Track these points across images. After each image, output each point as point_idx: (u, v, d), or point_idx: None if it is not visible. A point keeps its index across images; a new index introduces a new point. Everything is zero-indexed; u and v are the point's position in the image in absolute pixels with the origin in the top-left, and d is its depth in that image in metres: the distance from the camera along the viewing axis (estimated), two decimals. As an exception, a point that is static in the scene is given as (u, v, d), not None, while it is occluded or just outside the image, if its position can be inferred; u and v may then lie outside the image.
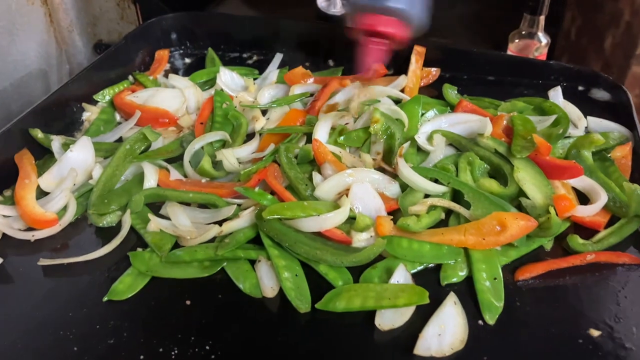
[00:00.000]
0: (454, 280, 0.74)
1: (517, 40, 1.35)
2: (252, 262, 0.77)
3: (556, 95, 1.03)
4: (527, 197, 0.82)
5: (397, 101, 1.05)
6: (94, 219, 0.83)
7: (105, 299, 0.72)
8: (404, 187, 0.85)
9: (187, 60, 1.28)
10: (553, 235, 0.78)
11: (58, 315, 0.71)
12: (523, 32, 1.33)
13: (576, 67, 1.12)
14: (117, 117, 1.08)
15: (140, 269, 0.76)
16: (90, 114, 1.06)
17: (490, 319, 0.68)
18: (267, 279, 0.74)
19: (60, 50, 1.35)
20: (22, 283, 0.76)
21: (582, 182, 0.85)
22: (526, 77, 1.14)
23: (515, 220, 0.75)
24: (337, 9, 1.45)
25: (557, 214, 0.76)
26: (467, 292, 0.72)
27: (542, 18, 1.31)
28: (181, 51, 1.29)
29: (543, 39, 1.33)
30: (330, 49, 1.25)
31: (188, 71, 1.23)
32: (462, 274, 0.74)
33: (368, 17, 0.76)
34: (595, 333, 0.67)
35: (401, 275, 0.72)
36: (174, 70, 1.25)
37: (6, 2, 1.18)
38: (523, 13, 1.30)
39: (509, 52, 1.35)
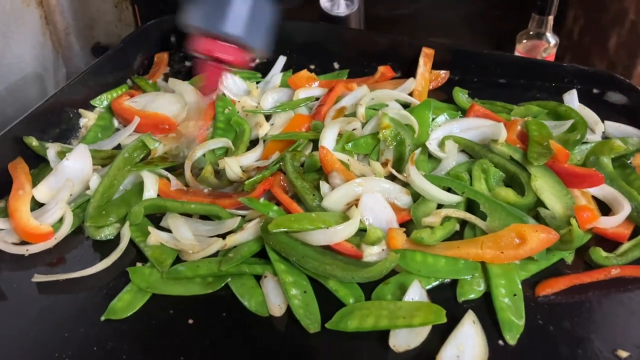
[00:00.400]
0: (472, 296, 0.70)
1: (524, 41, 1.32)
2: (258, 278, 0.73)
3: (572, 98, 0.99)
4: (546, 207, 0.78)
5: (406, 105, 1.01)
6: (91, 232, 0.80)
7: (103, 318, 0.69)
8: (416, 196, 0.82)
9: (188, 64, 1.24)
10: (575, 248, 0.74)
11: (53, 336, 0.67)
12: (531, 33, 1.30)
13: (591, 69, 1.08)
14: (116, 123, 1.04)
15: (140, 286, 0.72)
16: (87, 120, 1.02)
17: (511, 338, 0.65)
18: (273, 296, 0.70)
19: (57, 54, 1.31)
20: (16, 300, 0.73)
21: (603, 190, 0.81)
22: (539, 80, 1.10)
23: (536, 232, 0.71)
24: (340, 10, 1.41)
25: (578, 226, 0.72)
26: (486, 309, 0.69)
27: (550, 18, 1.28)
28: (181, 54, 1.25)
29: (551, 39, 1.30)
30: (335, 51, 1.21)
31: (188, 74, 1.19)
32: (480, 289, 0.70)
33: (206, 42, 0.74)
34: (623, 354, 0.63)
35: (416, 292, 0.68)
36: (174, 73, 1.21)
37: (0, 4, 1.14)
38: (530, 13, 1.27)
39: (516, 53, 1.32)
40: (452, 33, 1.59)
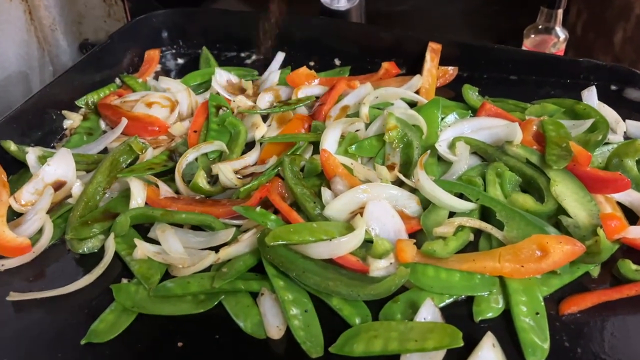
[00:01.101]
0: (489, 315, 0.64)
1: (533, 36, 1.26)
2: (255, 296, 0.67)
3: (590, 96, 0.93)
4: (568, 215, 0.72)
5: (412, 104, 0.95)
6: (73, 245, 0.74)
7: (84, 341, 0.62)
8: (425, 203, 0.75)
9: (180, 61, 1.18)
10: (602, 261, 0.68)
11: (28, 362, 0.61)
12: (540, 27, 1.24)
13: (608, 64, 1.02)
14: (103, 125, 0.97)
15: (124, 304, 0.66)
16: (71, 122, 0.96)
17: (536, 363, 0.58)
18: (271, 316, 0.64)
19: (43, 51, 1.25)
20: (-11, 321, 0.66)
21: (629, 196, 0.75)
22: (552, 76, 1.04)
23: (559, 244, 0.65)
24: (341, 4, 1.35)
25: (606, 236, 0.66)
26: (505, 330, 0.62)
27: (560, 12, 1.22)
28: (173, 51, 1.19)
29: (561, 33, 1.24)
30: (336, 47, 1.15)
31: (181, 72, 1.13)
32: (498, 307, 0.64)
33: None
34: (660, 380, 0.57)
35: (428, 311, 0.62)
36: (166, 71, 1.15)
37: (-19, -1, 1.07)
38: (532, 7, 1.22)
39: (523, 48, 1.26)
40: (452, 29, 1.55)
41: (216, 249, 0.71)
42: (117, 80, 1.08)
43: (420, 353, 0.58)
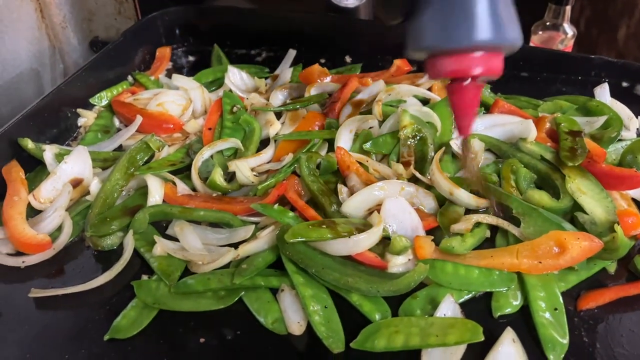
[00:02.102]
0: (508, 310, 0.64)
1: (540, 32, 1.26)
2: (274, 292, 0.67)
3: (603, 92, 0.93)
4: (584, 212, 0.72)
5: (425, 102, 0.95)
6: (93, 242, 0.74)
7: (107, 337, 0.63)
8: (441, 200, 0.76)
9: (191, 58, 1.19)
10: (619, 257, 0.68)
11: (52, 357, 0.62)
12: (547, 23, 1.24)
13: (620, 61, 1.02)
14: (117, 122, 0.98)
15: (146, 301, 0.66)
16: (86, 119, 0.97)
17: (555, 358, 0.59)
18: (292, 312, 0.64)
19: (54, 49, 1.25)
20: (11, 317, 0.67)
21: (644, 193, 0.75)
22: (563, 73, 1.04)
23: (577, 240, 0.65)
24: (349, 1, 1.35)
25: (623, 232, 0.67)
26: (524, 325, 0.63)
27: (568, 8, 1.22)
28: (184, 48, 1.20)
29: (569, 30, 1.24)
30: (346, 44, 1.15)
31: (192, 70, 1.14)
32: (517, 303, 0.65)
33: (452, 61, 0.56)
34: (679, 375, 0.57)
35: (448, 307, 0.62)
36: (177, 68, 1.15)
37: (-8, -3, 1.08)
38: (547, 3, 1.21)
39: (531, 45, 1.26)
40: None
41: (235, 245, 0.71)
42: (130, 78, 1.08)
43: (441, 348, 0.59)
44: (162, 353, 0.62)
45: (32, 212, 0.78)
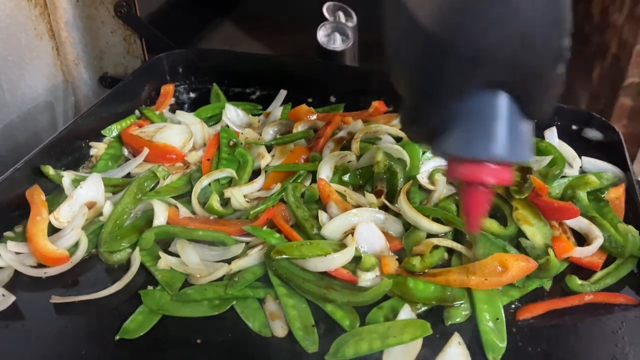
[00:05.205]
0: (458, 320, 0.76)
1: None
2: (261, 301, 0.79)
3: (552, 135, 1.07)
4: (527, 238, 0.85)
5: (398, 139, 1.08)
6: (105, 256, 0.85)
7: (118, 337, 0.74)
8: (407, 226, 0.88)
9: (192, 95, 1.31)
10: (552, 276, 0.81)
11: (71, 354, 0.72)
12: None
13: (570, 107, 1.16)
14: (125, 151, 1.09)
15: (151, 307, 0.77)
16: (97, 150, 1.08)
17: (494, 359, 0.71)
18: (276, 318, 0.76)
19: (67, 83, 1.38)
20: (35, 321, 0.77)
21: (579, 222, 0.88)
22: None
23: (516, 261, 0.78)
24: (336, 45, 1.48)
25: (555, 255, 0.79)
26: (471, 332, 0.74)
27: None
28: (186, 86, 1.32)
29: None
30: (331, 86, 1.28)
31: (193, 105, 1.26)
32: (466, 313, 0.76)
33: (469, 168, 0.64)
34: (595, 374, 0.69)
35: (406, 316, 0.74)
36: (179, 104, 1.28)
37: (16, 37, 1.20)
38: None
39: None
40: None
41: (229, 261, 0.82)
42: (137, 112, 1.21)
43: (400, 347, 0.71)
44: (165, 352, 0.73)
45: (52, 230, 0.88)
